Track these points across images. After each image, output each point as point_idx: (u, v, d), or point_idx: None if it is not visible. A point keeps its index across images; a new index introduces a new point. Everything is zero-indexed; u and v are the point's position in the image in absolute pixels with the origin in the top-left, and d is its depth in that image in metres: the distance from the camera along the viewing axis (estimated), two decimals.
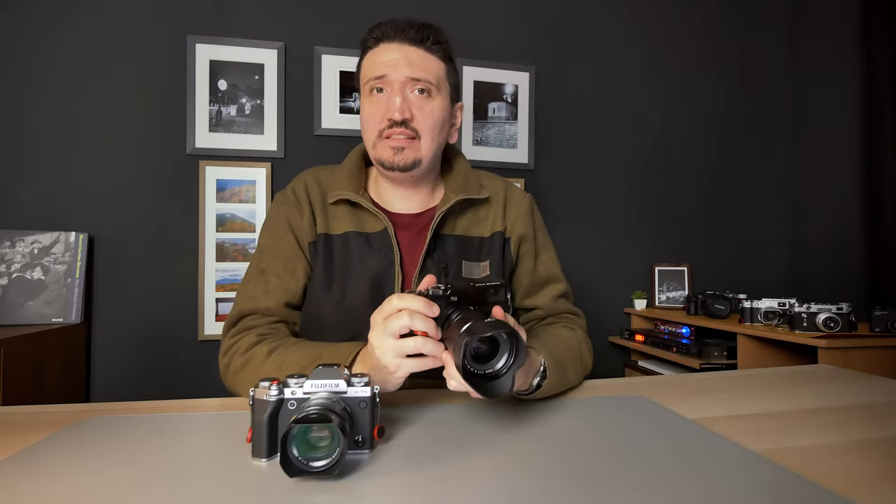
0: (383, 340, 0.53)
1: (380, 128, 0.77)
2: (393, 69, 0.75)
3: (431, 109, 0.77)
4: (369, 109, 0.78)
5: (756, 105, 2.33)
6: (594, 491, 0.40)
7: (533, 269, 0.88)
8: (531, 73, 2.08)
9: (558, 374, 0.64)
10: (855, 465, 0.46)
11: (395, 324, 0.52)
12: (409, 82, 0.76)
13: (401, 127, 0.75)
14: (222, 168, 1.80)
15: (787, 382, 0.77)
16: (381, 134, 0.77)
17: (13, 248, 1.58)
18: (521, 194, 0.91)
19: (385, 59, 0.76)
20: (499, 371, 0.50)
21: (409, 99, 0.76)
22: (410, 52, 0.76)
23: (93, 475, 0.43)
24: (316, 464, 0.41)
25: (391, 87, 0.76)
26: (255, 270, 0.80)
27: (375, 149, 0.78)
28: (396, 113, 0.74)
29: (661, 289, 2.17)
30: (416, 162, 0.77)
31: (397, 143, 0.76)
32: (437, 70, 0.78)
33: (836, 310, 1.48)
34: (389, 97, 0.76)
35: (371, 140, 0.78)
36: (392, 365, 0.54)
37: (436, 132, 0.78)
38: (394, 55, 0.76)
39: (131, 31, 1.75)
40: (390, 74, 0.75)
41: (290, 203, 0.82)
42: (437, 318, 0.53)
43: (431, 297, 0.53)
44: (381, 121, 0.76)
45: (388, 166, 0.77)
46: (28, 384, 1.36)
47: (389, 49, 0.76)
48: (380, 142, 0.77)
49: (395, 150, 0.76)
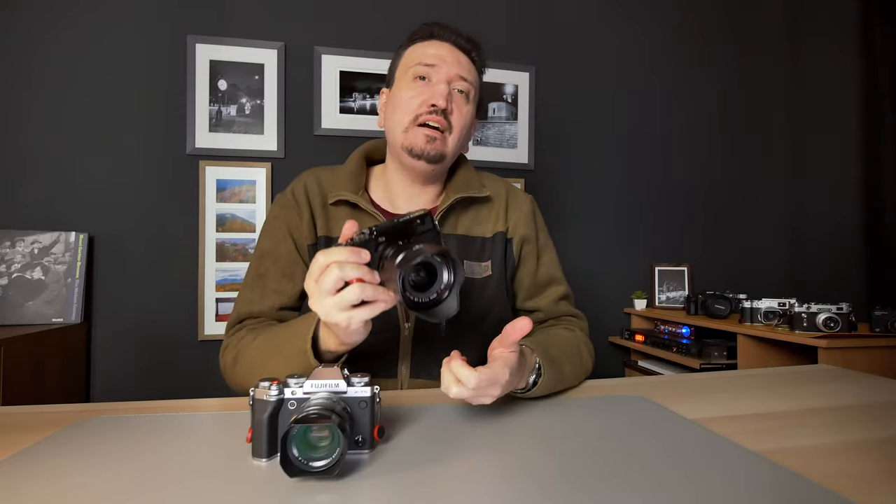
0: (322, 301, 0.52)
1: (417, 112, 0.78)
2: (444, 62, 0.79)
3: (467, 111, 0.81)
4: (409, 94, 0.79)
5: (756, 105, 2.33)
6: (594, 491, 0.40)
7: (534, 270, 0.88)
8: (531, 73, 2.08)
9: (553, 371, 0.64)
10: (855, 465, 0.46)
11: (327, 281, 0.51)
12: (456, 78, 0.79)
13: (440, 115, 0.77)
14: (222, 168, 1.80)
15: (787, 382, 0.77)
16: (417, 119, 0.78)
17: (13, 248, 1.58)
18: (523, 196, 0.91)
19: (438, 51, 0.80)
20: (441, 294, 0.50)
21: (452, 93, 0.79)
22: (459, 55, 0.82)
23: (93, 475, 0.43)
24: (316, 464, 0.41)
25: (439, 75, 0.79)
26: (253, 275, 0.80)
27: (407, 134, 0.78)
28: (442, 100, 0.77)
29: (661, 289, 2.18)
30: (442, 155, 0.79)
31: (432, 132, 0.77)
32: (475, 80, 0.83)
33: (836, 310, 1.47)
34: (436, 84, 0.78)
35: (403, 124, 0.79)
36: (342, 320, 0.52)
37: (463, 133, 0.81)
38: (444, 51, 0.80)
39: (131, 31, 1.75)
40: (441, 65, 0.79)
41: (290, 206, 0.82)
42: (370, 263, 0.52)
43: (357, 243, 0.52)
44: (420, 105, 0.77)
45: (418, 153, 0.78)
46: (28, 384, 1.36)
47: (441, 46, 0.81)
48: (413, 128, 0.78)
49: (429, 139, 0.77)
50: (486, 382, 0.52)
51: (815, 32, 2.26)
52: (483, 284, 0.82)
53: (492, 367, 0.53)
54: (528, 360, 0.62)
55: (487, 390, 0.53)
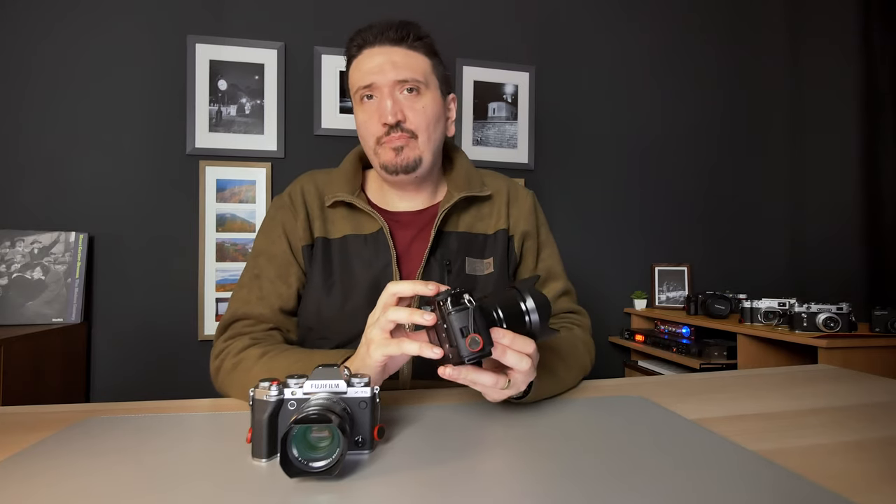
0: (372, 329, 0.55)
1: (377, 134, 0.77)
2: (379, 74, 0.75)
3: (423, 107, 0.77)
4: (363, 117, 0.79)
5: (756, 105, 2.33)
6: (594, 491, 0.40)
7: (534, 266, 0.88)
8: (531, 73, 2.08)
9: (547, 377, 0.63)
10: (855, 465, 0.46)
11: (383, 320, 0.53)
12: (397, 84, 0.76)
13: (397, 130, 0.76)
14: (222, 168, 1.80)
15: (787, 382, 0.77)
16: (380, 140, 0.77)
17: (13, 248, 1.58)
18: (524, 192, 0.91)
19: (370, 65, 0.76)
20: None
21: (400, 100, 0.76)
22: (393, 53, 0.76)
23: (93, 475, 0.43)
24: (316, 464, 0.41)
25: (380, 92, 0.76)
26: (249, 275, 0.80)
27: (377, 155, 0.78)
28: (389, 116, 0.75)
29: (661, 289, 2.18)
30: (417, 161, 0.78)
31: (396, 142, 0.76)
32: (422, 67, 0.78)
33: (836, 310, 1.47)
34: (380, 102, 0.76)
35: (371, 147, 0.79)
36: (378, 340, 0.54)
37: (431, 129, 0.79)
38: (378, 60, 0.76)
39: (131, 31, 1.75)
40: (377, 80, 0.76)
41: (286, 207, 0.82)
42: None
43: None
44: (376, 127, 0.77)
45: (392, 170, 0.77)
46: (28, 384, 1.36)
47: (372, 54, 0.77)
48: (380, 147, 0.78)
49: (396, 151, 0.77)
50: (536, 351, 0.53)
51: (815, 32, 2.26)
52: (485, 281, 0.83)
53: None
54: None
55: (535, 360, 0.54)
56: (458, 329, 0.47)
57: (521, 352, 0.51)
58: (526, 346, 0.51)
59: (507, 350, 0.50)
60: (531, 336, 0.53)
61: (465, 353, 0.47)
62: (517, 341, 0.51)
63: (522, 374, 0.52)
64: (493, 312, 0.51)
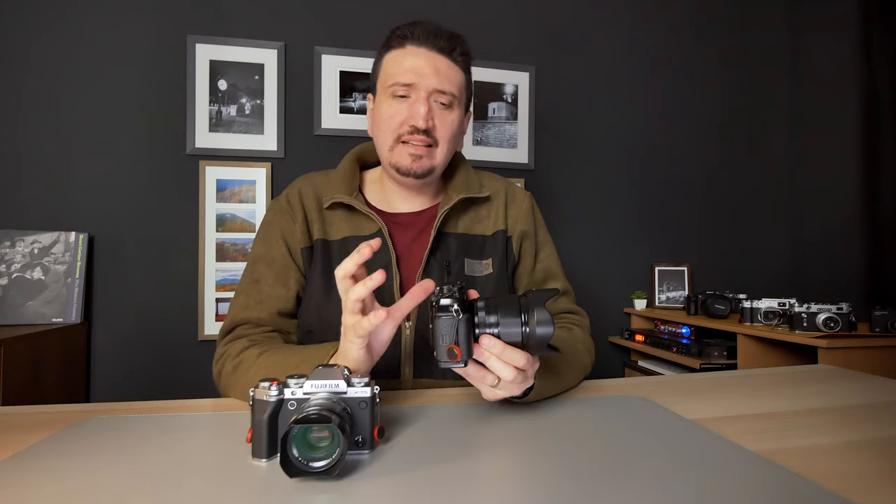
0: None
1: (399, 132, 0.77)
2: (422, 78, 0.75)
3: (451, 120, 0.78)
4: (390, 112, 0.77)
5: (756, 105, 2.33)
6: (594, 491, 0.40)
7: (532, 267, 0.88)
8: (531, 73, 2.08)
9: (549, 377, 0.64)
10: (855, 465, 0.46)
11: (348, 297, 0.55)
12: (435, 92, 0.76)
13: (422, 135, 0.76)
14: (222, 168, 1.80)
15: (787, 382, 0.77)
16: (400, 139, 0.77)
17: (13, 248, 1.58)
18: (521, 193, 0.91)
19: (413, 64, 0.76)
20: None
21: (433, 108, 0.77)
22: (438, 60, 0.76)
23: (93, 475, 0.43)
24: (316, 464, 0.41)
25: (417, 94, 0.76)
26: (247, 280, 0.80)
27: (392, 153, 0.78)
28: (421, 121, 0.75)
29: (661, 289, 2.18)
30: (431, 169, 0.79)
31: (416, 150, 0.76)
32: (459, 82, 0.79)
33: (836, 310, 1.47)
34: (414, 105, 0.76)
35: (388, 143, 0.78)
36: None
37: (452, 142, 0.80)
38: (421, 62, 0.76)
39: (131, 31, 1.75)
40: (419, 82, 0.75)
41: (283, 210, 0.82)
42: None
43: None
44: (401, 125, 0.76)
45: (405, 172, 0.78)
46: (28, 384, 1.36)
47: (417, 54, 0.76)
48: (397, 146, 0.78)
49: (414, 158, 0.77)
50: (531, 363, 0.53)
51: (815, 32, 2.26)
52: (484, 282, 0.83)
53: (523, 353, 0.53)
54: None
55: (530, 372, 0.54)
56: (440, 335, 0.49)
57: (509, 363, 0.51)
58: (516, 359, 0.51)
59: (492, 357, 0.51)
60: (527, 350, 0.52)
61: (441, 359, 0.49)
62: (507, 353, 0.51)
63: (507, 382, 0.53)
64: (490, 317, 0.51)
